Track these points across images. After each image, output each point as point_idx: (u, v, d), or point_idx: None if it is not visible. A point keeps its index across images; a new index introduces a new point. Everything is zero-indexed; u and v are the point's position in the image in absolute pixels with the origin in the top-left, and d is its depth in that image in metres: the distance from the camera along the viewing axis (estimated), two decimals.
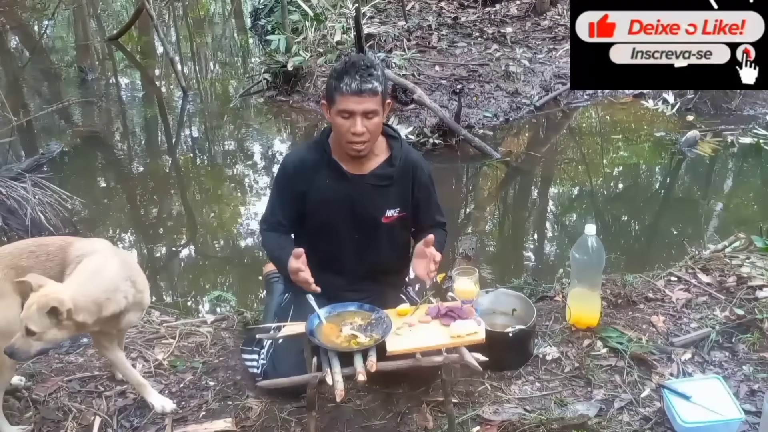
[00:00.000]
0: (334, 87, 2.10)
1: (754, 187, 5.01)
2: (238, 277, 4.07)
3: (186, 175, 5.54)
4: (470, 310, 2.07)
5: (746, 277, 2.80)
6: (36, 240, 2.25)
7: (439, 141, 5.18)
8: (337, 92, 2.09)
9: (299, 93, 6.37)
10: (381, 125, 2.18)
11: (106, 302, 1.94)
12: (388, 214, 2.26)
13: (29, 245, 2.11)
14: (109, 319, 1.99)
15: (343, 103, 2.08)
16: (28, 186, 4.10)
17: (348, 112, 2.08)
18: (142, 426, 2.19)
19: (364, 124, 2.09)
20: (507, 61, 6.56)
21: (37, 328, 1.82)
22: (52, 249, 2.09)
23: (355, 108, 2.07)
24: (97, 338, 2.13)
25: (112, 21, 10.14)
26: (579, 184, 5.17)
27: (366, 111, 2.08)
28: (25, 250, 2.07)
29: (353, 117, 2.08)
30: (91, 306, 1.90)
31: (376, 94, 2.09)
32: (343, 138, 2.14)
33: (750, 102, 5.84)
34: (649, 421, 2.15)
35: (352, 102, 2.07)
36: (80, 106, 6.79)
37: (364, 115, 2.08)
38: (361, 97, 2.06)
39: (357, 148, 2.14)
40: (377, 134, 2.18)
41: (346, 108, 2.08)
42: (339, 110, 2.10)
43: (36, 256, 2.06)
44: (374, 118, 2.11)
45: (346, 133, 2.11)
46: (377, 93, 2.09)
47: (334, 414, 2.22)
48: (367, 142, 2.14)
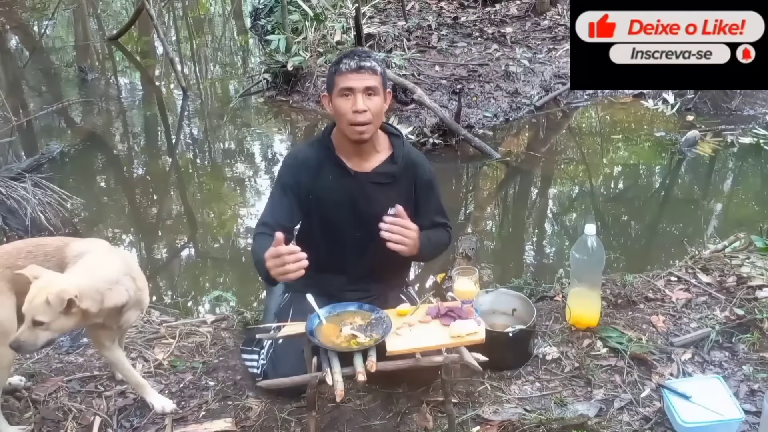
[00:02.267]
0: (334, 71, 2.12)
1: (754, 187, 5.01)
2: (238, 277, 4.07)
3: (186, 175, 5.54)
4: (470, 310, 2.07)
5: (746, 277, 2.80)
6: (34, 240, 2.24)
7: (439, 141, 5.18)
8: (337, 74, 2.11)
9: (299, 93, 6.38)
10: (382, 109, 2.18)
11: (108, 292, 1.94)
12: (390, 212, 2.26)
13: (27, 245, 2.10)
14: (112, 311, 2.00)
15: (343, 81, 2.09)
16: (28, 186, 4.10)
17: (348, 89, 2.09)
18: (142, 426, 2.19)
19: (366, 103, 2.09)
20: (507, 61, 6.56)
21: (45, 318, 1.83)
22: (49, 249, 2.08)
23: (355, 85, 2.08)
24: (98, 337, 2.12)
25: (112, 21, 10.14)
26: (579, 184, 5.17)
27: (366, 87, 2.09)
28: (23, 250, 2.07)
29: (354, 94, 2.09)
30: (94, 294, 1.90)
31: (376, 72, 2.11)
32: (345, 120, 2.13)
33: (750, 102, 5.85)
34: (649, 421, 2.15)
35: (352, 79, 2.08)
36: (80, 106, 6.79)
37: (364, 92, 2.09)
38: (360, 74, 2.08)
39: (359, 129, 2.12)
40: (379, 118, 2.17)
41: (347, 85, 2.09)
42: (339, 89, 2.10)
43: (33, 256, 2.06)
44: (375, 98, 2.11)
45: (348, 113, 2.11)
46: (377, 72, 2.11)
47: (334, 414, 2.22)
48: (369, 123, 2.12)
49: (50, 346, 2.37)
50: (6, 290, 2.01)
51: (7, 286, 2.01)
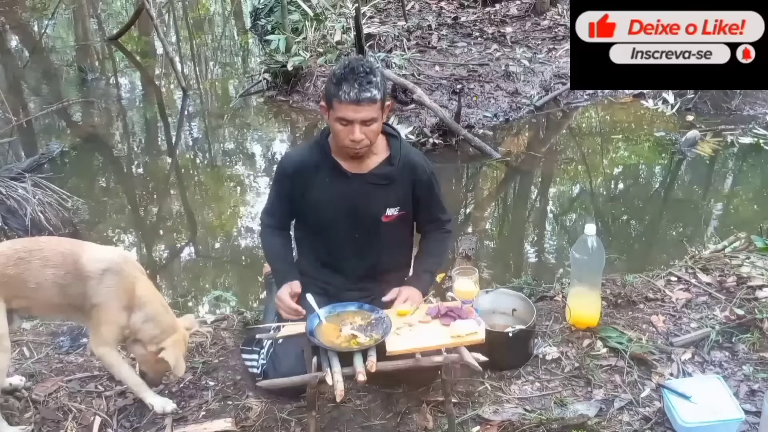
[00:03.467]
0: (332, 93, 2.08)
1: (754, 187, 5.00)
2: (238, 277, 4.07)
3: (186, 175, 5.54)
4: (470, 310, 2.07)
5: (746, 277, 2.80)
6: (25, 244, 2.12)
7: (439, 141, 5.18)
8: (336, 99, 2.07)
9: (299, 93, 6.37)
10: (380, 129, 2.18)
11: None
12: (388, 213, 2.26)
13: (17, 251, 2.02)
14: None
15: (342, 111, 2.07)
16: (28, 186, 4.10)
17: (346, 120, 2.08)
18: (142, 426, 2.19)
19: (363, 131, 2.08)
20: (507, 61, 6.56)
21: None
22: (48, 255, 2.03)
23: (353, 117, 2.06)
24: (103, 336, 2.11)
25: (112, 21, 10.13)
26: (579, 184, 5.17)
27: (364, 119, 2.08)
28: (12, 258, 2.00)
29: (351, 125, 2.08)
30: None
31: (375, 102, 2.07)
32: (341, 143, 2.15)
33: (750, 102, 5.84)
34: (649, 421, 2.15)
35: (350, 111, 2.06)
36: (80, 106, 6.79)
37: (362, 123, 2.08)
38: (359, 106, 2.05)
39: (354, 151, 2.15)
40: (376, 138, 2.18)
41: (345, 116, 2.07)
42: (337, 117, 2.10)
43: (27, 262, 2.00)
44: (372, 125, 2.11)
45: (345, 140, 2.12)
46: (376, 101, 2.08)
47: (334, 414, 2.22)
48: (366, 146, 2.14)
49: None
50: None
51: None
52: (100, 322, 2.07)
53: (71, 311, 2.12)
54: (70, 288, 2.04)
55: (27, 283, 2.02)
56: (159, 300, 2.15)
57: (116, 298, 2.05)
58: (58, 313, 2.19)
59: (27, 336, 2.64)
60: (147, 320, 2.08)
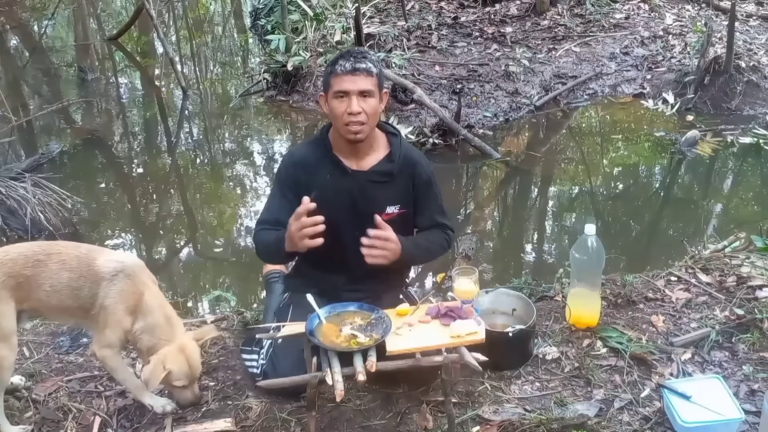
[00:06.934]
0: (329, 72, 2.13)
1: (754, 187, 5.01)
2: (238, 277, 4.07)
3: (186, 175, 5.54)
4: (470, 310, 2.07)
5: (746, 276, 2.80)
6: (44, 247, 2.14)
7: (439, 141, 5.18)
8: (332, 75, 2.11)
9: (299, 93, 6.37)
10: (378, 111, 2.18)
11: None
12: (388, 210, 2.26)
13: (36, 253, 2.05)
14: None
15: (338, 84, 2.09)
16: (28, 186, 4.10)
17: (343, 91, 2.09)
18: (142, 426, 2.19)
19: (360, 105, 2.09)
20: (507, 61, 6.56)
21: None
22: (66, 258, 2.05)
23: (350, 87, 2.08)
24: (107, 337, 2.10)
25: (112, 21, 10.13)
26: (579, 183, 5.17)
27: (361, 90, 2.09)
28: (31, 258, 2.03)
29: (349, 97, 2.09)
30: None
31: (371, 74, 2.10)
32: (340, 121, 2.14)
33: (750, 102, 5.85)
34: (649, 421, 2.15)
35: (347, 81, 2.08)
36: (80, 106, 6.79)
37: (359, 94, 2.09)
38: (355, 76, 2.08)
39: (354, 129, 2.13)
40: (375, 119, 2.17)
41: (341, 88, 2.09)
42: (335, 92, 2.11)
43: (44, 265, 2.02)
44: (370, 99, 2.11)
45: (343, 115, 2.11)
46: (372, 73, 2.10)
47: (334, 414, 2.22)
48: (365, 124, 2.13)
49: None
50: (6, 298, 2.00)
51: (8, 294, 2.00)
52: (106, 324, 2.07)
53: (80, 315, 2.12)
54: (83, 290, 2.05)
55: (42, 286, 2.04)
56: (162, 311, 2.10)
57: (124, 302, 2.05)
58: (66, 316, 2.18)
59: (27, 336, 2.64)
60: (144, 331, 2.07)
